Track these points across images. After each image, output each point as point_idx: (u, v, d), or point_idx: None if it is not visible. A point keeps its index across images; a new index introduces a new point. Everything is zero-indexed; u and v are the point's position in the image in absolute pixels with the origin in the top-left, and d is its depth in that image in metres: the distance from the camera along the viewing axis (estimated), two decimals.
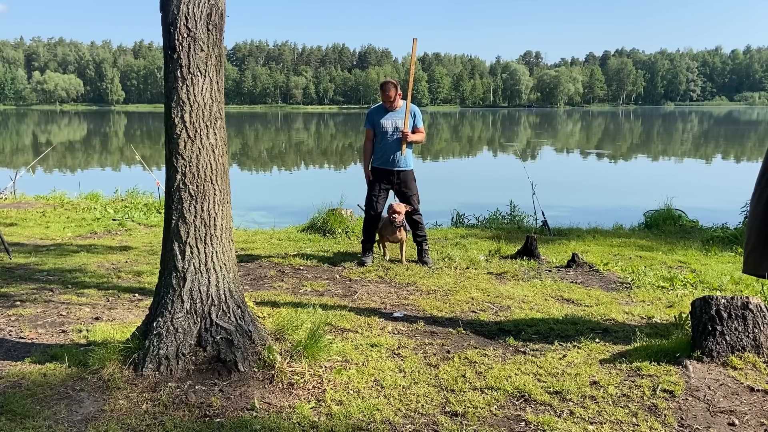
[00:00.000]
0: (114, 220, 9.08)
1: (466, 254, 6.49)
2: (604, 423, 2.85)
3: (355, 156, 30.08)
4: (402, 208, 5.95)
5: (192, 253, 3.27)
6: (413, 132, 6.01)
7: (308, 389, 3.14)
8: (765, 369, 3.32)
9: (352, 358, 3.55)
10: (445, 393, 3.15)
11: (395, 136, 5.95)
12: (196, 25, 3.18)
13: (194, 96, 3.21)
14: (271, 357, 3.27)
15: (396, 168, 6.00)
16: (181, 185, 3.24)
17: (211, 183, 3.30)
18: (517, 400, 3.08)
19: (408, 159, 6.07)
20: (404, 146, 5.93)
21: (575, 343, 3.81)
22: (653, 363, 3.43)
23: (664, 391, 3.14)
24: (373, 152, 6.10)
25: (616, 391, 3.14)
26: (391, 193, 6.18)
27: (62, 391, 3.06)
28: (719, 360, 3.38)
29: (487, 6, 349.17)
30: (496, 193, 12.21)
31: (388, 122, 5.99)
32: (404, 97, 6.01)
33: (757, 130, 48.81)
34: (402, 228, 6.03)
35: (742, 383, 3.20)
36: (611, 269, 5.90)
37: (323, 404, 3.00)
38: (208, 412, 2.89)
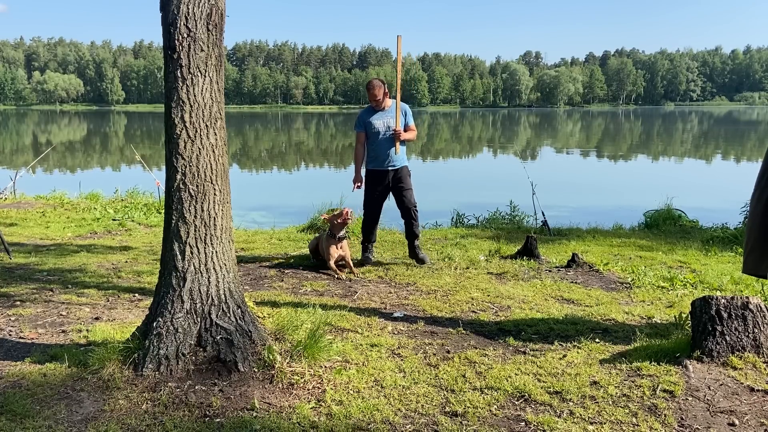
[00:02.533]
0: (114, 220, 9.08)
1: (466, 254, 6.49)
2: (604, 423, 2.85)
3: None
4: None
5: (192, 253, 3.27)
6: (405, 130, 5.96)
7: (308, 389, 3.14)
8: (765, 369, 3.32)
9: (352, 358, 3.55)
10: (445, 393, 3.15)
11: (387, 135, 5.89)
12: (196, 25, 3.18)
13: (194, 96, 3.21)
14: (271, 357, 3.27)
15: (391, 167, 5.94)
16: (181, 185, 3.24)
17: (211, 183, 3.30)
18: (517, 400, 3.08)
19: (402, 156, 6.03)
20: (398, 144, 5.88)
21: (575, 343, 3.81)
22: (653, 363, 3.43)
23: (664, 391, 3.14)
24: (366, 154, 6.03)
25: (616, 391, 3.14)
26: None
27: (62, 391, 3.06)
28: (719, 360, 3.38)
29: (487, 6, 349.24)
30: (496, 193, 12.21)
31: (379, 122, 5.90)
32: (393, 96, 5.95)
33: (757, 130, 48.80)
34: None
35: (742, 383, 3.20)
36: (611, 269, 5.90)
37: (323, 404, 3.00)
38: (208, 412, 2.89)
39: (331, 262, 5.70)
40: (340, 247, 5.71)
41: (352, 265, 5.76)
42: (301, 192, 14.80)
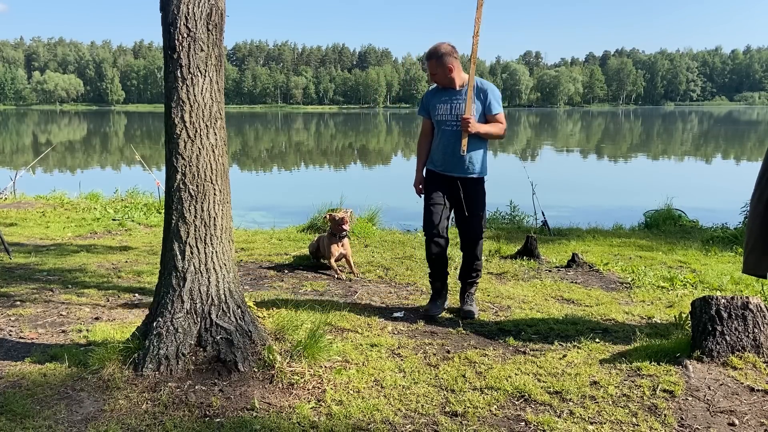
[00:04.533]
0: (114, 220, 9.08)
1: None
2: (604, 423, 2.85)
3: (355, 156, 30.07)
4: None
5: (192, 253, 3.27)
6: (486, 121, 4.12)
7: (308, 389, 3.14)
8: (765, 369, 3.32)
9: (352, 358, 3.55)
10: (445, 393, 3.15)
11: (455, 127, 4.10)
12: (196, 25, 3.18)
13: (194, 96, 3.21)
14: (271, 357, 3.27)
15: (458, 174, 4.19)
16: (181, 185, 3.24)
17: (211, 183, 3.30)
18: (517, 400, 3.08)
19: (477, 161, 4.17)
20: (464, 140, 4.03)
21: (575, 343, 3.81)
22: (653, 363, 3.43)
23: (664, 391, 3.14)
24: (430, 151, 4.36)
25: (616, 391, 3.14)
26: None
27: (62, 391, 3.06)
28: (719, 360, 3.38)
29: (487, 6, 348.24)
30: (496, 193, 12.15)
31: (445, 106, 4.11)
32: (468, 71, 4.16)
33: (757, 130, 48.80)
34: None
35: (742, 383, 3.20)
36: (611, 269, 5.90)
37: (323, 404, 3.00)
38: (208, 412, 2.89)
39: (332, 261, 5.69)
40: (342, 246, 5.68)
41: (353, 264, 5.75)
42: (301, 192, 14.81)
